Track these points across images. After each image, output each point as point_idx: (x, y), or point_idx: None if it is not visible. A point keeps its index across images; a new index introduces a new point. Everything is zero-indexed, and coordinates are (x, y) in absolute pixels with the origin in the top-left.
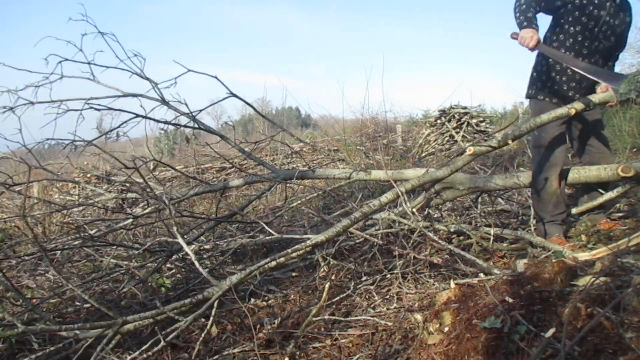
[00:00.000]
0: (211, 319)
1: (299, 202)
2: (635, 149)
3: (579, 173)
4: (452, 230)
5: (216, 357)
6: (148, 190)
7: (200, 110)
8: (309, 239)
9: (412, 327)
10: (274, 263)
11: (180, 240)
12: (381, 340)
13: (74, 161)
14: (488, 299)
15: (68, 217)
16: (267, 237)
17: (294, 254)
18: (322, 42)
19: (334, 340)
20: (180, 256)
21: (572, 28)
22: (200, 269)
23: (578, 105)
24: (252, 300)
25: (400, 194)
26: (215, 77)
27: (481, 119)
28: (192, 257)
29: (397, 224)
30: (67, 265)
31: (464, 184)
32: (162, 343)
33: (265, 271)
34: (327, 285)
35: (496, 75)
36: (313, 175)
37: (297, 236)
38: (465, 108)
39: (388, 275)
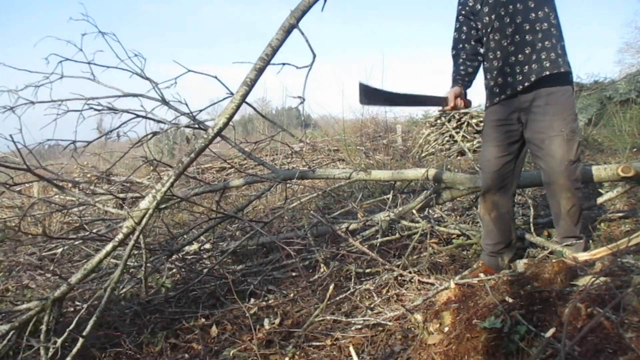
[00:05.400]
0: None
1: (299, 202)
2: (635, 149)
3: None
4: (452, 230)
5: (216, 357)
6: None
7: (201, 110)
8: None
9: (412, 327)
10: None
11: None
12: (381, 341)
13: (74, 161)
14: (488, 299)
15: (68, 217)
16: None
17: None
18: (322, 41)
19: (334, 340)
20: (180, 256)
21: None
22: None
23: None
24: (252, 300)
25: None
26: (215, 77)
27: (481, 119)
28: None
29: (397, 224)
30: (67, 265)
31: (464, 184)
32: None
33: (266, 271)
34: (331, 286)
35: None
36: (313, 175)
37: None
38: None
39: (388, 275)
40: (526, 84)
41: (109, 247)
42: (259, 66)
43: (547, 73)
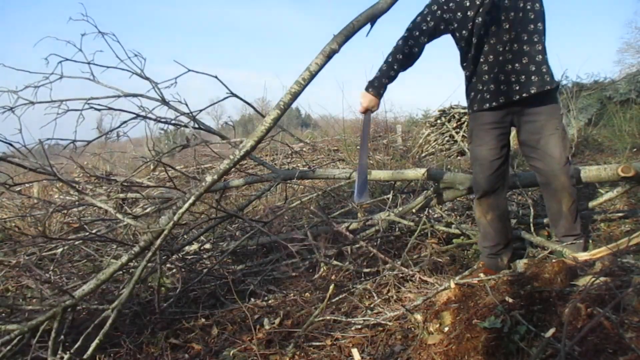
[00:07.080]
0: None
1: (299, 202)
2: (635, 149)
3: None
4: (452, 230)
5: (216, 357)
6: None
7: (200, 110)
8: None
9: (412, 327)
10: None
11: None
12: (381, 341)
13: (75, 161)
14: (488, 299)
15: (68, 217)
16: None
17: None
18: (321, 41)
19: (334, 340)
20: (180, 256)
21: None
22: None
23: None
24: (252, 300)
25: None
26: (216, 77)
27: None
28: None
29: (397, 224)
30: (67, 265)
31: (464, 184)
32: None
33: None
34: (331, 287)
35: None
36: (313, 175)
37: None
38: (465, 108)
39: (387, 275)
40: (524, 94)
41: (124, 259)
42: (295, 90)
43: (548, 87)
